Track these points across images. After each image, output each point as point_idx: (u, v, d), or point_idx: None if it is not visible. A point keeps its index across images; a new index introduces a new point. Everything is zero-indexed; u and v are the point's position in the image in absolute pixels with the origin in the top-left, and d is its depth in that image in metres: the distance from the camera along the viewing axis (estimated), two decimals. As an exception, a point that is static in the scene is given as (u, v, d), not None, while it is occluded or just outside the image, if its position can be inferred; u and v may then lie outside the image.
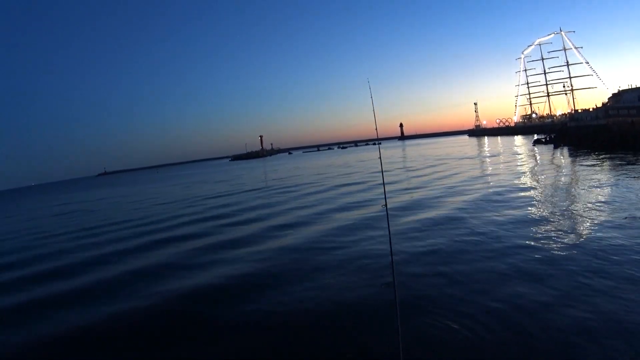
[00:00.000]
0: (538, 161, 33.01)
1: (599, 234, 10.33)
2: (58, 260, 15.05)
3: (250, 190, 34.49)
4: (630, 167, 22.08)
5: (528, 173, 25.38)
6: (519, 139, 76.15)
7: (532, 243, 10.30)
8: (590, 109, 51.10)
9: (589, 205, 13.94)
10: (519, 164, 32.08)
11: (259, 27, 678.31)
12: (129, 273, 11.90)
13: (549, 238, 10.62)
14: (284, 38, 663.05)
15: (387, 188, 6.32)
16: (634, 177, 18.65)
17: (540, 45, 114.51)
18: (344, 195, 23.99)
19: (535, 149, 46.23)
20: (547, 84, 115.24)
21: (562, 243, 10.03)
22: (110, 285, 11.00)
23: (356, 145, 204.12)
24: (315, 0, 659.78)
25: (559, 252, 9.37)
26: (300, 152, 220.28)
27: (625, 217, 11.59)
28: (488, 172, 28.31)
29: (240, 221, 19.03)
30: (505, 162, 34.26)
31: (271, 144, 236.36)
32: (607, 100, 48.32)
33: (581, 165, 25.89)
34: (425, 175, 30.58)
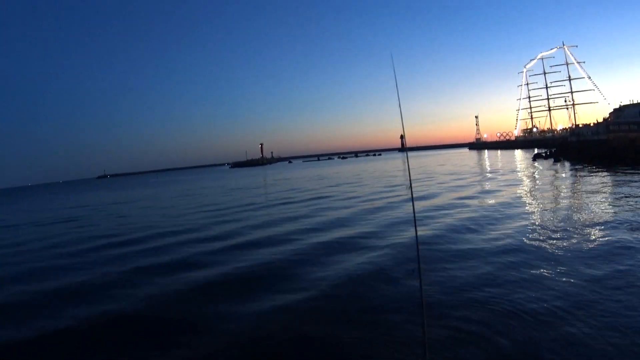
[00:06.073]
0: (539, 179, 32.22)
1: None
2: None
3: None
4: (633, 183, 21.33)
5: (532, 195, 24.28)
6: (519, 153, 75.41)
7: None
8: (591, 124, 50.55)
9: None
10: (521, 185, 31.12)
11: (261, 35, 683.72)
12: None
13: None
14: (286, 46, 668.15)
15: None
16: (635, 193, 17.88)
17: (542, 59, 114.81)
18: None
19: (536, 164, 45.31)
20: (548, 98, 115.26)
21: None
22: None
23: (356, 156, 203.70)
24: (318, 9, 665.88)
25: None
26: (300, 161, 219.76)
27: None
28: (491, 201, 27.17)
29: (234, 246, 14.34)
30: (506, 181, 33.40)
31: (271, 152, 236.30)
32: (608, 116, 47.69)
33: (590, 184, 25.08)
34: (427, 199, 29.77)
